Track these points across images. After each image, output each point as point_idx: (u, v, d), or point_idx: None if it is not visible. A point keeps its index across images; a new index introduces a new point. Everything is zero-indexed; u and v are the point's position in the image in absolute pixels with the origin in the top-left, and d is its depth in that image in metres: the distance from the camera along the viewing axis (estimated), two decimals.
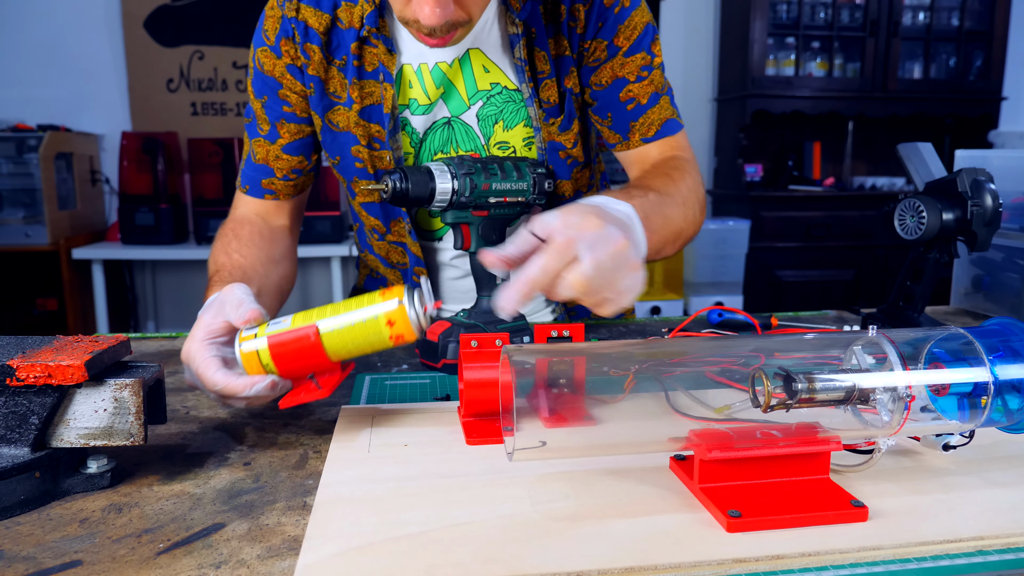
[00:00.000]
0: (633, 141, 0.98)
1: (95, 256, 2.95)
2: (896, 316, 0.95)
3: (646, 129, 0.97)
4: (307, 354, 0.61)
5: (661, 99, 0.97)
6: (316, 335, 0.61)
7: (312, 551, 0.45)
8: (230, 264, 0.87)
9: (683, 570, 0.44)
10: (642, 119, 0.96)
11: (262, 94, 0.98)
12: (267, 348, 0.61)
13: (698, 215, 0.92)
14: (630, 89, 0.95)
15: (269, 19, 0.95)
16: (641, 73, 0.95)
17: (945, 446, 0.58)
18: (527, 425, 0.50)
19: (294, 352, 0.61)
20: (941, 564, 0.45)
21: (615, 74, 0.95)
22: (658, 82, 0.97)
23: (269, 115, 0.98)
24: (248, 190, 1.01)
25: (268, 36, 0.95)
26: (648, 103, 0.96)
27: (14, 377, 0.51)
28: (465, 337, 0.67)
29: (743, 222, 3.44)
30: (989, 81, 3.67)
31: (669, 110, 0.98)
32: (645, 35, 0.95)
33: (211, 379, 0.62)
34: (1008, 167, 1.14)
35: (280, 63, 0.95)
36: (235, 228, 0.95)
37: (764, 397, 0.51)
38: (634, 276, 0.60)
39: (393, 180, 0.81)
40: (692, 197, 0.89)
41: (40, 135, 2.90)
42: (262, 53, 0.96)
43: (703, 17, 3.81)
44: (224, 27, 3.35)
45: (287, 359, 0.61)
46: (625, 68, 0.95)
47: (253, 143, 1.00)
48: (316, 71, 0.94)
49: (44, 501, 0.53)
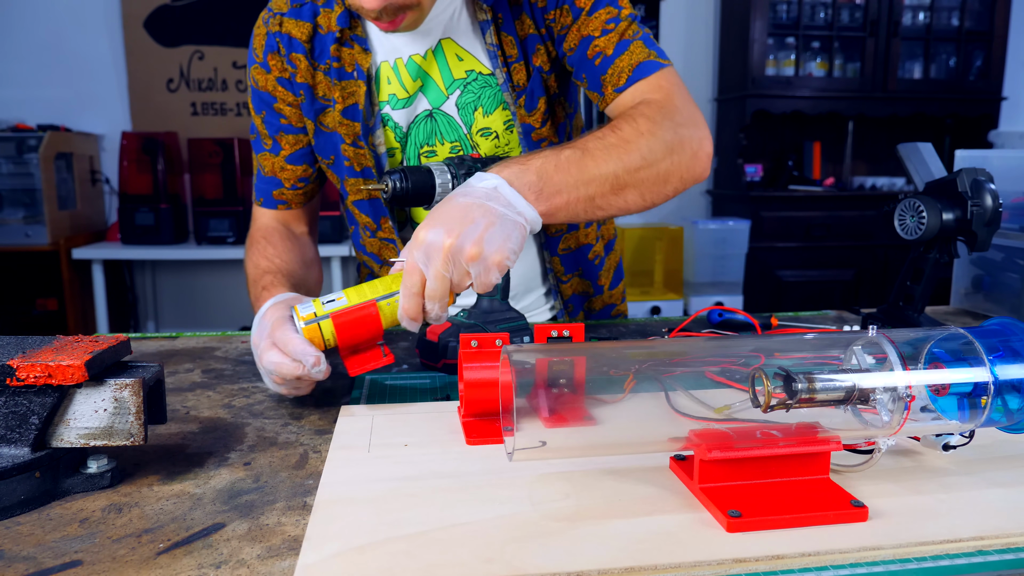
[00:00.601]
0: (608, 95, 0.93)
1: (95, 256, 2.95)
2: (896, 316, 0.95)
3: (616, 79, 0.92)
4: (367, 324, 0.69)
5: (631, 45, 0.92)
6: (375, 307, 0.69)
7: (312, 551, 0.45)
8: (274, 267, 0.93)
9: (683, 570, 0.44)
10: (611, 70, 0.92)
11: (260, 110, 1.02)
12: (330, 321, 0.68)
13: (659, 159, 0.82)
14: (596, 43, 0.93)
15: (257, 37, 1.00)
16: (607, 27, 0.92)
17: (945, 446, 0.58)
18: (527, 425, 0.50)
19: (356, 322, 0.69)
20: (941, 564, 0.45)
21: (581, 34, 0.93)
22: (627, 31, 0.93)
23: (269, 129, 1.02)
24: (263, 203, 1.06)
25: (257, 54, 1.00)
26: (615, 52, 0.92)
27: (14, 377, 0.51)
28: (465, 337, 0.67)
29: (743, 222, 3.44)
30: (989, 81, 3.67)
31: (641, 53, 0.92)
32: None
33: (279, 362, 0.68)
34: (1008, 167, 1.14)
35: (270, 77, 0.99)
36: (266, 235, 1.01)
37: (764, 397, 0.51)
38: (493, 232, 0.67)
39: (393, 180, 0.81)
40: (642, 140, 0.81)
41: (40, 135, 2.90)
42: (255, 70, 1.01)
43: (703, 17, 3.80)
44: (224, 27, 3.35)
45: (349, 330, 0.69)
46: (590, 26, 0.93)
47: (259, 157, 1.05)
48: (304, 78, 0.98)
49: (44, 501, 0.53)
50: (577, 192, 0.76)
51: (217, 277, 3.50)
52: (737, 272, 3.47)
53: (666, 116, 0.85)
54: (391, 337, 1.05)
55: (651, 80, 0.91)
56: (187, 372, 0.87)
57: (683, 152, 0.84)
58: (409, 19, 0.85)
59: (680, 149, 0.84)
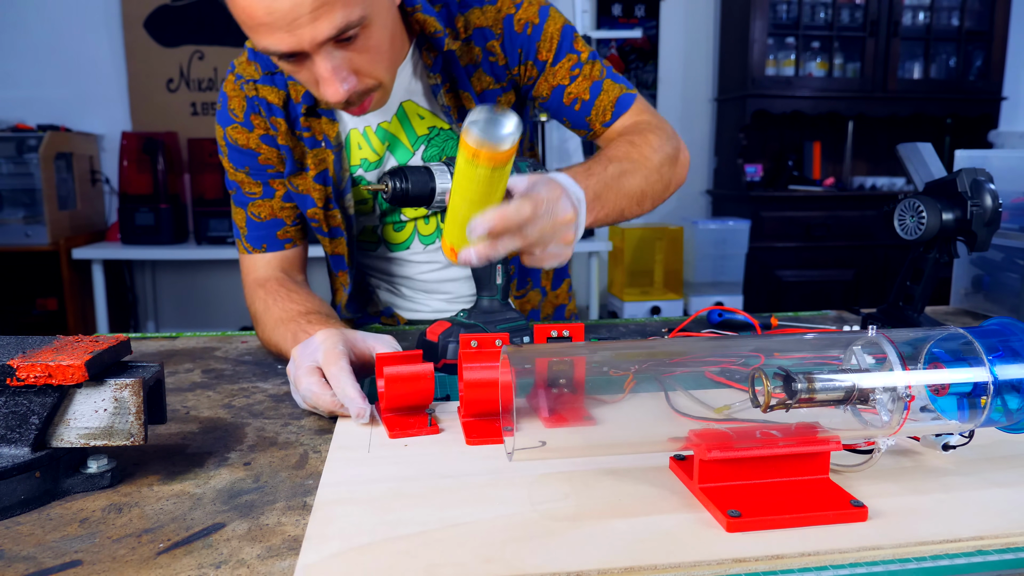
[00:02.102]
0: (597, 130, 1.02)
1: (95, 256, 2.95)
2: (896, 316, 0.95)
3: (602, 116, 1.00)
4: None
5: (603, 84, 1.00)
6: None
7: (312, 551, 0.45)
8: (315, 308, 0.91)
9: (683, 570, 0.44)
10: (594, 111, 1.00)
11: (243, 165, 1.02)
12: None
13: (665, 171, 0.95)
14: (569, 92, 1.00)
15: (234, 99, 0.99)
16: (572, 73, 0.99)
17: (945, 446, 0.58)
18: (527, 425, 0.50)
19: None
20: (941, 564, 0.45)
21: (551, 84, 1.00)
22: (593, 73, 1.00)
23: (257, 177, 1.02)
24: (266, 248, 1.04)
25: (236, 114, 0.99)
26: (592, 96, 0.99)
27: (14, 377, 0.51)
28: (465, 337, 0.67)
29: (743, 222, 3.44)
30: (989, 81, 3.67)
31: (615, 90, 1.00)
32: (564, 39, 0.99)
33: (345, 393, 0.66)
34: (1008, 167, 1.14)
35: (253, 136, 1.00)
36: (279, 281, 1.00)
37: (764, 397, 0.51)
38: (564, 248, 0.74)
39: (393, 180, 0.81)
40: (656, 156, 0.93)
41: (40, 135, 2.90)
42: (233, 130, 1.00)
43: (703, 17, 3.80)
44: (224, 27, 3.35)
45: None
46: (557, 76, 0.99)
47: (250, 208, 1.03)
48: (285, 141, 0.99)
49: (44, 501, 0.53)
50: (614, 206, 0.86)
51: (217, 277, 3.50)
52: (737, 272, 3.47)
53: (662, 133, 0.97)
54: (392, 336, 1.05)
55: (631, 111, 1.01)
56: (187, 372, 0.87)
57: (677, 162, 0.98)
58: (376, 99, 0.89)
59: (675, 160, 0.97)
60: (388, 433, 0.64)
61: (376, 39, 0.82)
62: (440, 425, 0.66)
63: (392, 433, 0.64)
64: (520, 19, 0.97)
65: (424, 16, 0.94)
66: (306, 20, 0.74)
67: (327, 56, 0.79)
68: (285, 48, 0.77)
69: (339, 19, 0.75)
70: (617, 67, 3.70)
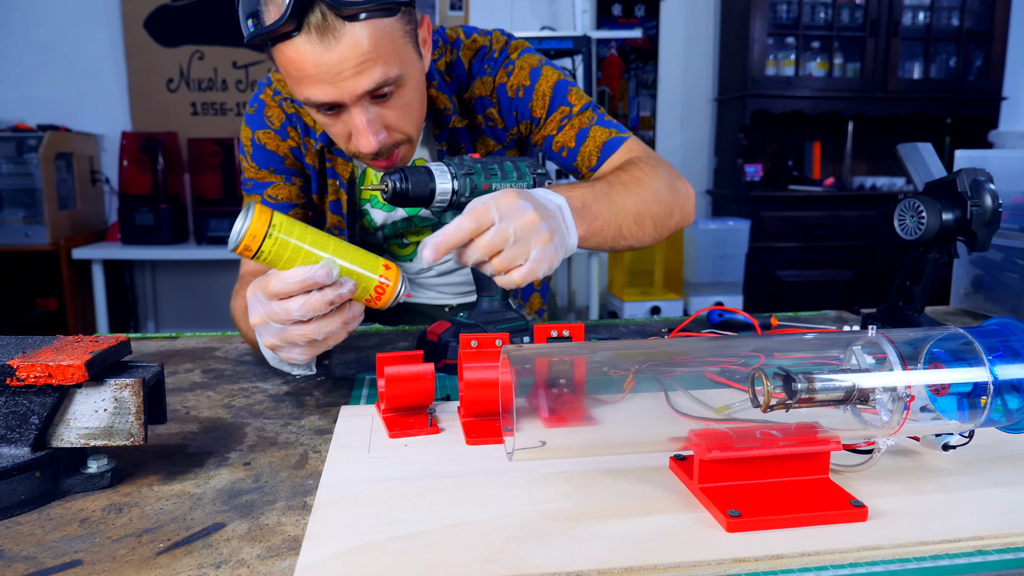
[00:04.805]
0: (585, 175, 1.04)
1: (95, 256, 2.95)
2: (896, 316, 0.95)
3: (588, 161, 1.02)
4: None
5: (591, 131, 1.02)
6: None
7: (312, 551, 0.45)
8: None
9: (683, 570, 0.44)
10: (579, 156, 1.03)
11: (267, 165, 1.05)
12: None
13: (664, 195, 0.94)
14: (557, 140, 1.03)
15: (272, 108, 1.03)
16: (561, 124, 1.03)
17: (945, 446, 0.58)
18: (527, 425, 0.50)
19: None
20: (941, 564, 0.45)
21: (543, 135, 1.05)
22: (582, 122, 1.02)
23: (280, 175, 1.06)
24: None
25: (272, 122, 1.03)
26: (577, 143, 1.02)
27: (14, 377, 0.51)
28: (465, 337, 0.67)
29: (743, 222, 3.44)
30: (989, 81, 3.67)
31: (603, 135, 1.02)
32: (556, 95, 1.02)
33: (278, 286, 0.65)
34: (1008, 167, 1.14)
35: (285, 145, 1.04)
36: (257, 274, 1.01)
37: (764, 397, 0.51)
38: (544, 248, 0.71)
39: (393, 180, 0.81)
40: (649, 179, 0.93)
41: (40, 135, 2.90)
42: (264, 134, 1.04)
43: (703, 17, 3.80)
44: (224, 27, 3.35)
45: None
46: (548, 128, 1.04)
47: (267, 191, 1.06)
48: (312, 161, 1.04)
49: (44, 501, 0.53)
50: (609, 221, 0.86)
51: (217, 277, 3.50)
52: (737, 272, 3.47)
53: (656, 163, 0.97)
54: (392, 337, 1.05)
55: (620, 152, 1.01)
56: (187, 372, 0.87)
57: (679, 192, 0.97)
58: (403, 153, 0.92)
59: (676, 189, 0.96)
60: (388, 433, 0.64)
61: (408, 98, 0.87)
62: (440, 425, 0.66)
63: (392, 433, 0.64)
64: (512, 85, 1.02)
65: (437, 92, 1.00)
66: (349, 74, 0.79)
67: (363, 109, 0.84)
68: (326, 99, 0.81)
69: (378, 75, 0.80)
70: (617, 67, 3.70)
